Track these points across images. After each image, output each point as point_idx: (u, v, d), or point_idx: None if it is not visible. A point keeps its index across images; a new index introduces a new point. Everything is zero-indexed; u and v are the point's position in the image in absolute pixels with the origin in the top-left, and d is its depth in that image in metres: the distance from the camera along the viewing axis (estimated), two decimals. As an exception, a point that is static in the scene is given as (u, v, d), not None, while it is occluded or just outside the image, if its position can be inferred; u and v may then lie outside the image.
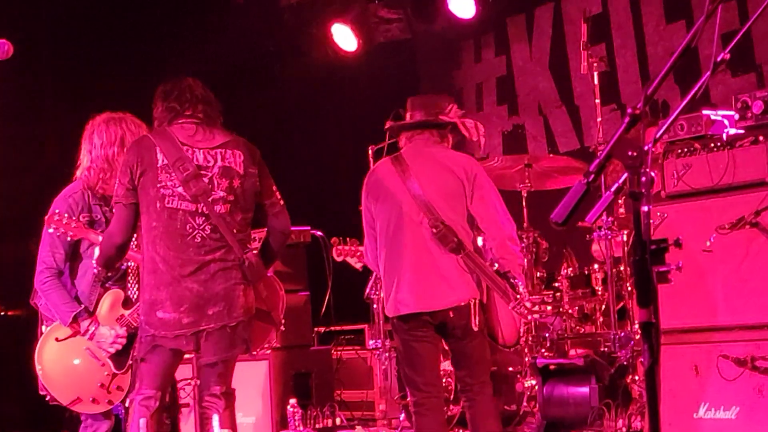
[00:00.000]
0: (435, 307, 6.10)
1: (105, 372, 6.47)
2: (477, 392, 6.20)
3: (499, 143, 11.91)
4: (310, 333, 9.30)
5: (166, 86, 6.09)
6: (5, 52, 4.99)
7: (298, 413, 8.38)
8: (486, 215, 6.15)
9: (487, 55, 12.12)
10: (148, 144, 5.88)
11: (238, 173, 5.91)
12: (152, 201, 5.80)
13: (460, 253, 6.06)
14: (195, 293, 5.79)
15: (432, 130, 6.37)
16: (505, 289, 6.09)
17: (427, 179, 6.18)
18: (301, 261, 9.19)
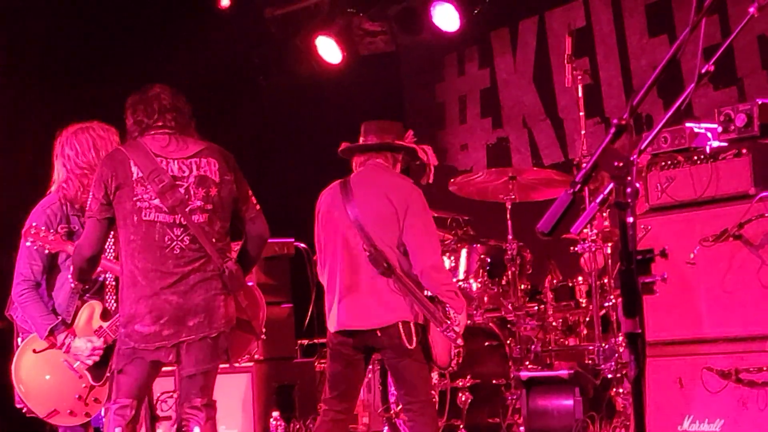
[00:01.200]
0: (362, 326, 6.30)
1: (83, 384, 6.44)
2: (418, 412, 6.34)
3: (483, 156, 11.92)
4: (293, 345, 9.28)
5: (134, 98, 6.06)
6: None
7: (281, 426, 8.35)
8: (411, 244, 6.29)
9: (470, 68, 12.13)
10: (121, 157, 5.84)
11: (214, 181, 5.89)
12: (129, 214, 5.77)
13: (391, 277, 6.22)
14: (174, 305, 5.76)
15: (386, 153, 6.54)
16: (433, 312, 6.24)
17: (367, 205, 6.35)
18: (284, 273, 9.17)
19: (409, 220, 6.28)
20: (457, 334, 6.32)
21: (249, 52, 11.83)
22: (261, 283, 8.94)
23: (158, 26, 11.26)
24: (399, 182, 6.45)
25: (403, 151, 6.61)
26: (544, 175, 8.50)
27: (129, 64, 10.91)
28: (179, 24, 11.33)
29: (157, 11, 11.14)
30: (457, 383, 7.71)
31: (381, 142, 6.53)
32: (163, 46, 11.17)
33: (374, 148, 6.53)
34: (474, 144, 12.05)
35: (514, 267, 7.98)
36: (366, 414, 8.62)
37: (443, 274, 6.42)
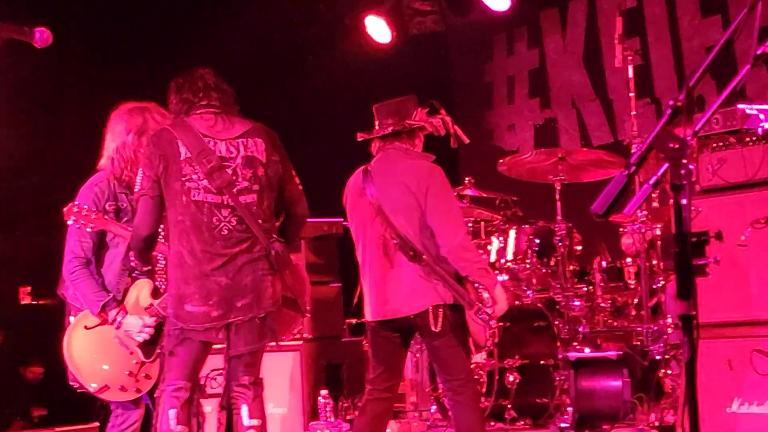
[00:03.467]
0: (395, 315, 6.33)
1: (133, 360, 6.46)
2: (457, 391, 6.34)
3: (530, 136, 11.90)
4: (341, 324, 9.30)
5: (178, 79, 6.07)
6: (44, 40, 4.99)
7: (329, 404, 8.39)
8: (435, 226, 6.27)
9: (519, 48, 12.10)
10: (169, 137, 5.83)
11: (261, 162, 5.90)
12: (177, 195, 5.78)
13: (419, 263, 6.21)
14: (223, 286, 5.77)
15: (402, 136, 6.47)
16: (463, 295, 6.23)
17: (387, 193, 6.35)
18: (332, 252, 9.20)
19: (429, 202, 6.25)
20: (489, 316, 6.30)
21: (298, 32, 11.83)
22: (309, 262, 8.98)
23: (208, 5, 11.31)
24: (416, 165, 6.39)
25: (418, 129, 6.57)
26: (594, 155, 8.46)
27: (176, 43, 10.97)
28: (229, 3, 11.38)
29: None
30: (506, 363, 7.72)
31: (393, 131, 6.48)
32: (212, 25, 11.22)
33: (389, 136, 6.53)
34: (521, 124, 12.04)
35: (562, 248, 7.96)
36: (414, 393, 8.65)
37: (470, 253, 6.38)
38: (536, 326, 8.00)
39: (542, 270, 8.20)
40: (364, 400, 6.56)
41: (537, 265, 8.18)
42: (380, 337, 6.50)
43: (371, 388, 6.51)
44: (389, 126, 6.47)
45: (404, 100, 6.61)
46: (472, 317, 6.26)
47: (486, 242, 8.40)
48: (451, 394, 6.43)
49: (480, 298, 6.27)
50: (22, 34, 4.88)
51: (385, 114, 6.54)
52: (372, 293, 6.47)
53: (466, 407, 6.36)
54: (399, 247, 6.27)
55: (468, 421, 6.35)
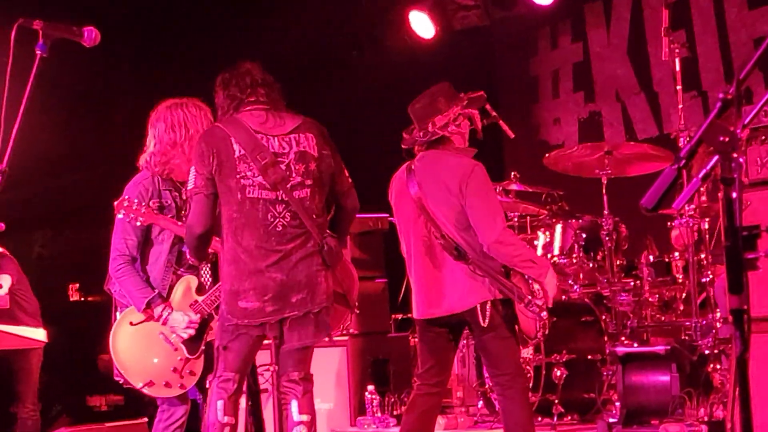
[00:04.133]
0: (442, 313, 6.34)
1: (178, 357, 6.50)
2: (506, 386, 6.33)
3: (575, 130, 11.86)
4: (387, 320, 9.31)
5: (225, 75, 6.08)
6: (93, 39, 5.03)
7: (376, 400, 8.40)
8: (474, 223, 6.26)
9: (563, 42, 12.07)
10: (221, 134, 5.84)
11: (313, 156, 5.91)
12: (233, 192, 5.79)
13: (464, 261, 6.22)
14: (278, 282, 5.79)
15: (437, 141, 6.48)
16: (511, 289, 6.22)
17: (429, 192, 6.35)
18: (378, 248, 9.21)
19: (468, 200, 6.24)
20: (540, 308, 6.30)
21: (341, 28, 11.85)
22: (355, 257, 8.99)
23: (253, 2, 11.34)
24: (456, 164, 6.37)
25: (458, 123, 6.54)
26: (640, 149, 8.41)
27: (222, 40, 11.01)
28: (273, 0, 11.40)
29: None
30: (553, 358, 7.70)
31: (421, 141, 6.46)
32: (257, 22, 11.24)
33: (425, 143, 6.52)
34: (566, 118, 12.00)
35: (609, 242, 7.93)
36: (461, 388, 8.64)
37: (512, 246, 6.34)
38: (583, 321, 7.97)
39: (589, 265, 8.17)
40: (412, 395, 6.57)
41: (584, 260, 8.15)
42: (429, 332, 6.51)
43: (420, 383, 6.52)
44: (422, 131, 6.46)
45: (434, 97, 6.54)
46: (522, 310, 6.26)
47: (532, 237, 8.38)
48: (500, 388, 6.43)
49: (530, 290, 6.26)
50: (71, 33, 4.93)
51: (418, 117, 6.51)
52: (418, 292, 6.47)
53: (514, 402, 6.35)
54: (443, 246, 6.28)
55: (516, 416, 6.34)
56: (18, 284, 9.21)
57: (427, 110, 6.49)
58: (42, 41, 4.78)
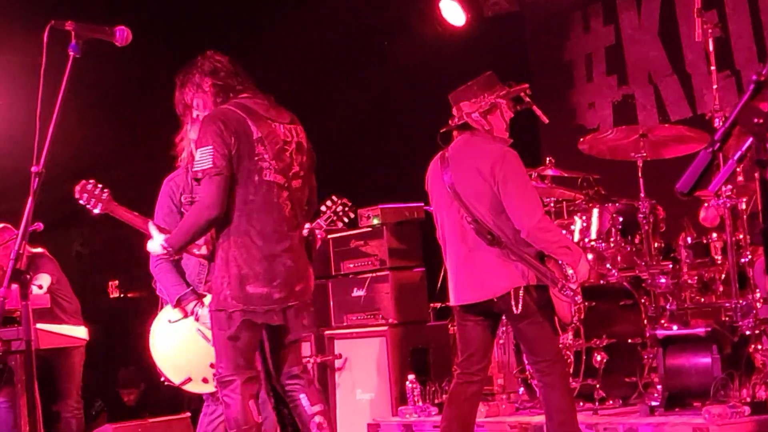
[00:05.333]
0: (478, 299, 6.40)
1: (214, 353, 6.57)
2: (545, 371, 6.39)
3: (609, 114, 11.82)
4: (426, 309, 9.31)
5: (206, 63, 6.03)
6: (125, 39, 5.06)
7: (416, 389, 8.41)
8: (510, 209, 6.31)
9: (595, 25, 12.02)
10: (237, 116, 5.80)
11: (305, 149, 6.01)
12: (250, 174, 5.75)
13: (498, 246, 6.25)
14: (288, 268, 5.80)
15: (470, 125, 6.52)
16: (545, 273, 6.26)
17: (462, 179, 6.40)
18: (415, 237, 9.21)
19: (503, 186, 6.27)
20: (574, 292, 6.31)
21: (373, 17, 11.84)
22: (393, 247, 9.01)
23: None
24: (489, 150, 6.40)
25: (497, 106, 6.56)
26: (675, 131, 8.37)
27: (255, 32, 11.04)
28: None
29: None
30: (593, 343, 7.68)
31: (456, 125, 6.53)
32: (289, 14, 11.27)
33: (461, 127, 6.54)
34: (600, 102, 11.96)
35: (647, 225, 7.89)
36: (501, 375, 8.64)
37: (549, 232, 6.37)
38: (622, 305, 7.94)
39: (627, 248, 8.14)
40: (453, 384, 6.59)
41: (621, 244, 8.12)
42: (467, 320, 6.53)
43: (460, 371, 6.53)
44: (462, 115, 6.50)
45: (476, 86, 6.59)
46: (556, 295, 6.27)
47: (569, 222, 8.36)
48: (539, 375, 6.44)
49: (564, 275, 6.27)
50: (103, 33, 4.96)
51: (457, 101, 6.56)
52: (454, 278, 6.51)
53: (554, 388, 6.36)
54: (476, 231, 6.30)
55: (557, 402, 6.35)
56: (58, 283, 9.28)
57: (458, 96, 6.54)
58: (74, 42, 4.81)
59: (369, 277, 9.11)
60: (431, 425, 7.94)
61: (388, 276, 8.98)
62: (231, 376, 5.80)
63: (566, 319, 6.43)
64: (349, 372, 9.09)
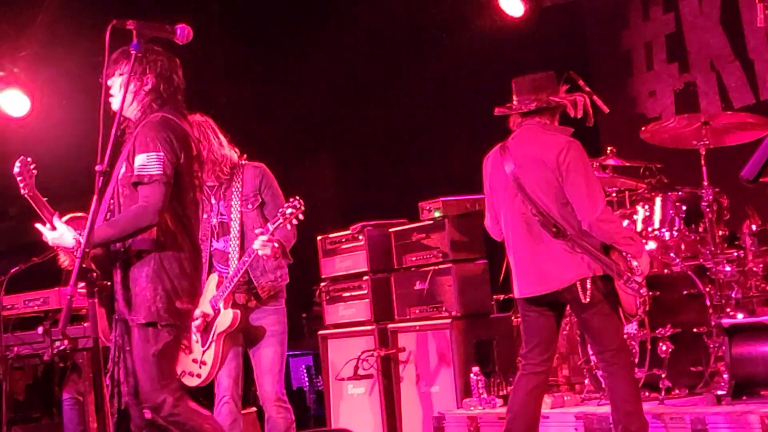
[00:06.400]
0: (542, 291, 6.40)
1: (200, 348, 6.91)
2: (609, 362, 6.38)
3: (671, 102, 11.74)
4: (489, 301, 9.29)
5: (163, 61, 5.77)
6: (186, 36, 5.09)
7: (481, 381, 8.41)
8: (575, 201, 6.29)
9: (655, 13, 11.93)
10: (181, 129, 5.68)
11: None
12: (186, 189, 5.68)
13: (563, 238, 6.24)
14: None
15: (544, 112, 6.50)
16: (610, 265, 6.24)
17: (525, 169, 6.39)
18: (476, 229, 9.17)
19: (567, 177, 6.26)
20: (639, 284, 6.29)
21: (431, 10, 11.84)
22: (455, 239, 9.00)
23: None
24: (553, 140, 6.39)
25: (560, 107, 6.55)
26: (738, 118, 8.30)
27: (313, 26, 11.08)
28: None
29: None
30: (657, 333, 7.64)
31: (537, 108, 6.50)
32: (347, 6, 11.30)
33: (532, 112, 6.52)
34: (661, 90, 11.88)
35: (710, 213, 7.83)
36: (566, 366, 8.62)
37: (612, 224, 6.36)
38: (687, 294, 7.89)
39: (690, 237, 8.09)
40: (518, 375, 6.58)
41: (685, 232, 8.08)
42: (531, 312, 6.52)
43: (525, 363, 6.53)
44: (532, 102, 6.48)
45: (544, 76, 6.60)
46: (621, 287, 6.25)
47: (631, 211, 8.32)
48: (605, 365, 6.43)
49: (629, 267, 6.25)
50: (164, 31, 5.00)
51: (526, 89, 6.54)
52: (518, 270, 6.50)
53: (619, 378, 6.34)
54: (541, 223, 6.29)
55: (622, 392, 6.33)
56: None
57: (542, 82, 6.53)
58: (136, 40, 4.84)
59: (431, 270, 9.11)
60: (496, 417, 7.93)
61: (450, 268, 8.98)
62: (161, 393, 5.58)
63: (631, 311, 6.41)
64: (412, 365, 9.10)
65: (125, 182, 5.60)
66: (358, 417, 9.41)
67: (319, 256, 9.95)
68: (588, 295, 6.24)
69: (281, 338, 7.07)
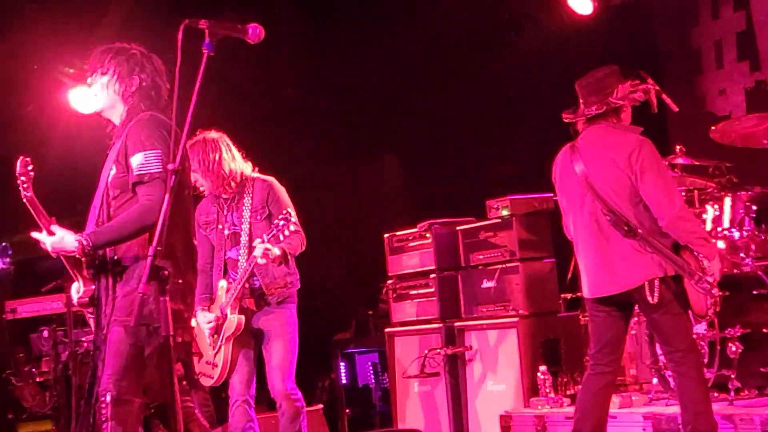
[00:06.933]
0: (612, 291, 6.38)
1: (212, 351, 7.21)
2: (678, 362, 6.36)
3: (741, 100, 11.63)
4: (556, 299, 9.27)
5: (155, 60, 5.81)
6: (257, 36, 5.12)
7: (548, 380, 8.40)
8: (649, 199, 6.27)
9: (725, 12, 11.83)
10: (171, 128, 5.38)
11: None
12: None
13: (634, 237, 6.21)
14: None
15: (607, 114, 6.48)
16: (682, 265, 6.21)
17: (596, 169, 6.37)
18: (544, 228, 9.18)
19: (642, 177, 6.24)
20: (710, 285, 6.26)
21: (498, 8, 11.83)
22: (522, 238, 9.00)
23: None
24: (623, 139, 6.37)
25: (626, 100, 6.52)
26: (810, 117, 8.22)
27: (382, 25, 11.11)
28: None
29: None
30: (727, 333, 7.58)
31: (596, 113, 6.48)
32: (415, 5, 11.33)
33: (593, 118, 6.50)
34: (731, 88, 11.77)
35: (783, 215, 7.77)
36: (634, 366, 8.58)
37: (689, 222, 6.34)
38: (756, 294, 7.82)
39: (761, 237, 8.01)
40: (586, 375, 6.57)
41: (755, 232, 8.00)
42: (599, 312, 6.51)
43: (593, 363, 6.52)
44: (593, 105, 6.47)
45: (606, 74, 6.58)
46: (692, 287, 6.22)
47: (701, 211, 8.25)
48: (674, 365, 6.41)
49: (701, 267, 6.22)
50: (236, 31, 5.03)
51: (588, 92, 6.53)
52: (588, 270, 6.48)
53: (689, 378, 6.31)
54: (612, 222, 6.27)
55: (691, 392, 6.30)
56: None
57: (596, 86, 6.51)
58: (208, 40, 4.88)
59: (499, 269, 9.12)
60: (564, 417, 7.92)
61: (518, 267, 8.98)
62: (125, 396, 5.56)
63: (701, 312, 6.39)
64: (479, 363, 9.10)
65: (116, 184, 5.59)
66: (424, 415, 9.44)
67: (386, 253, 9.99)
68: (656, 296, 6.22)
69: (289, 339, 7.37)
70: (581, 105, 6.54)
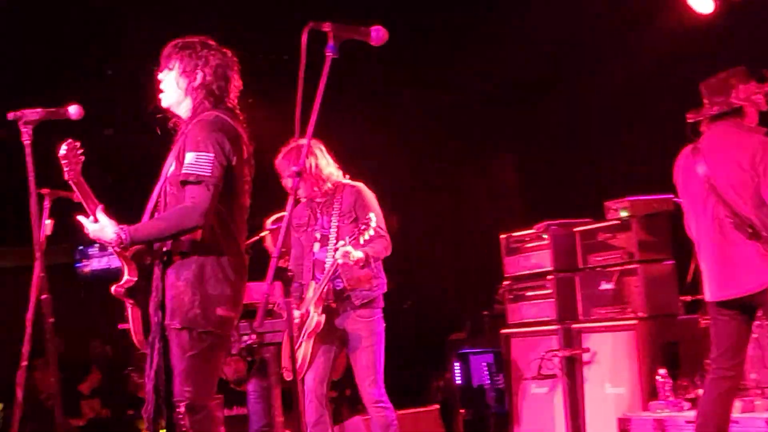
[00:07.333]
0: (735, 295, 6.29)
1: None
2: None
3: None
4: (676, 302, 9.16)
5: (218, 56, 5.64)
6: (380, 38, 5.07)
7: (667, 383, 8.31)
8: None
9: None
10: (234, 131, 5.51)
11: None
12: (237, 194, 5.52)
13: (758, 240, 6.13)
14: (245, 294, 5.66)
15: (730, 114, 6.40)
16: None
17: (719, 171, 6.30)
18: (664, 229, 9.09)
19: (765, 177, 6.15)
20: None
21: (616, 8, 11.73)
22: (641, 240, 8.92)
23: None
24: (747, 141, 6.28)
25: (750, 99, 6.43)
26: None
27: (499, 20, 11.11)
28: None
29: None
30: None
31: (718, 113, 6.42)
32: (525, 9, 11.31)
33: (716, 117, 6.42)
34: None
35: None
36: (755, 370, 8.44)
37: None
38: None
39: None
40: (707, 380, 6.50)
41: None
42: (722, 315, 6.43)
43: (715, 367, 6.45)
44: (715, 105, 6.39)
45: (730, 75, 6.50)
46: None
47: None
48: None
49: None
50: (359, 33, 5.04)
51: (712, 92, 6.47)
52: (710, 273, 6.40)
53: None
54: (735, 225, 6.19)
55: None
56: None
57: (710, 87, 6.45)
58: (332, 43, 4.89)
59: (617, 271, 9.05)
60: (684, 421, 7.83)
61: (637, 269, 8.91)
62: (202, 400, 5.45)
63: None
64: (597, 366, 9.04)
65: (174, 180, 5.50)
66: (541, 417, 9.40)
67: (503, 254, 9.97)
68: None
69: (375, 345, 7.53)
70: (705, 105, 6.47)
